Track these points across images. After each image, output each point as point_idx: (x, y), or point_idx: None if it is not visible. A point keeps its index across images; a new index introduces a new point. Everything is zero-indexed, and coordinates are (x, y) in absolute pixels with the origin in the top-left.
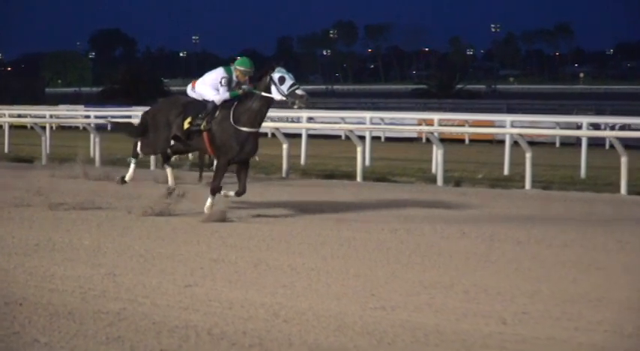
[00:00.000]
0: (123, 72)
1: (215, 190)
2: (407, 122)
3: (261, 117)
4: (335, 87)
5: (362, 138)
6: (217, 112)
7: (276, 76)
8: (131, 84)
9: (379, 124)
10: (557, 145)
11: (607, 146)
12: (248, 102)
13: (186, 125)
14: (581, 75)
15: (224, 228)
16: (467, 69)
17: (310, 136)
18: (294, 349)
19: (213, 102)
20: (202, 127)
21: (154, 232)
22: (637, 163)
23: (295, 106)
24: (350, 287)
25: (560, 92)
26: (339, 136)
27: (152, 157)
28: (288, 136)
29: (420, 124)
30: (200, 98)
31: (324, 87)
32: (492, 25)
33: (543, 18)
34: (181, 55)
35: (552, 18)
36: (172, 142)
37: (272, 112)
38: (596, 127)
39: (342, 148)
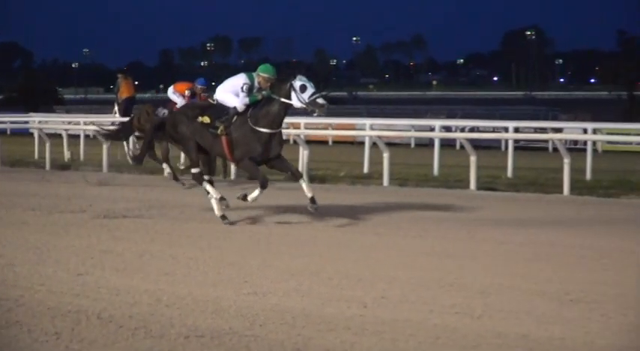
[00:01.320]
0: (20, 82)
1: (265, 184)
2: None
3: (280, 120)
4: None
5: None
6: (235, 118)
7: (297, 84)
8: (28, 93)
9: None
10: (413, 145)
11: (457, 147)
12: (266, 106)
13: (203, 119)
14: (434, 82)
15: (112, 223)
16: (330, 77)
17: None
18: (175, 330)
19: (234, 108)
20: (219, 131)
21: (49, 227)
22: (485, 161)
23: (315, 114)
24: (225, 275)
25: (415, 98)
26: None
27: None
28: None
29: (288, 128)
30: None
31: None
32: (354, 38)
33: (400, 30)
34: (73, 66)
35: (408, 30)
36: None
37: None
38: (447, 129)
39: None
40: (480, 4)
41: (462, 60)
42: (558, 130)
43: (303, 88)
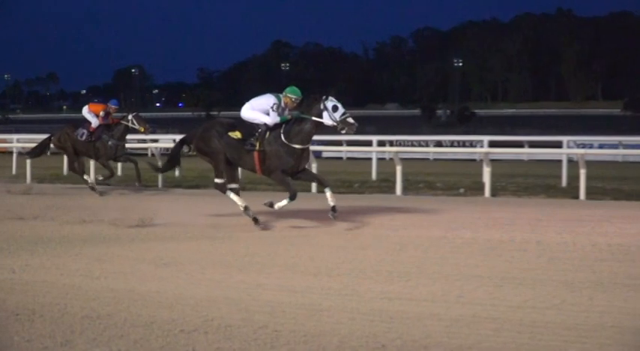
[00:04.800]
0: None
1: (295, 196)
2: None
3: (311, 136)
4: None
5: None
6: (267, 134)
7: (329, 104)
8: None
9: None
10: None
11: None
12: (298, 124)
13: (234, 135)
14: (64, 107)
15: None
16: None
17: None
18: None
19: (265, 125)
20: (257, 147)
21: None
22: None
23: (344, 132)
24: None
25: (50, 119)
26: None
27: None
28: None
29: None
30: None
31: None
32: (5, 75)
33: (38, 68)
34: None
35: (44, 68)
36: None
37: None
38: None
39: None
40: (98, 45)
41: (84, 90)
42: (155, 141)
43: (335, 109)
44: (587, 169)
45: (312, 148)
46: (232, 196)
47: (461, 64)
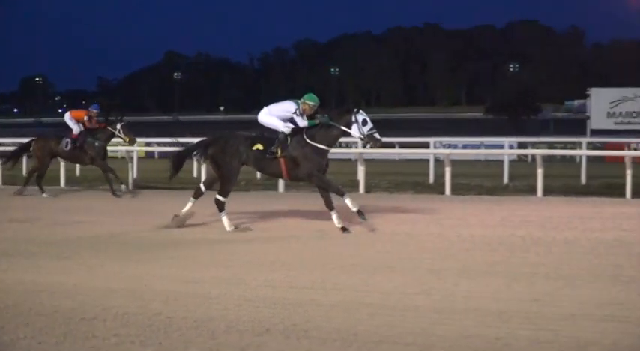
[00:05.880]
0: None
1: (342, 191)
2: None
3: (336, 141)
4: None
5: None
6: (289, 141)
7: (360, 118)
8: None
9: None
10: None
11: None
12: (325, 129)
13: (257, 147)
14: None
15: None
16: None
17: None
18: None
19: (283, 133)
20: (278, 154)
21: None
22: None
23: (368, 146)
24: None
25: None
26: None
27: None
28: None
29: None
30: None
31: None
32: None
33: None
34: None
35: None
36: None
37: None
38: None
39: None
40: (5, 54)
41: None
42: None
43: (364, 123)
44: (452, 168)
45: None
46: (224, 218)
47: (338, 73)
